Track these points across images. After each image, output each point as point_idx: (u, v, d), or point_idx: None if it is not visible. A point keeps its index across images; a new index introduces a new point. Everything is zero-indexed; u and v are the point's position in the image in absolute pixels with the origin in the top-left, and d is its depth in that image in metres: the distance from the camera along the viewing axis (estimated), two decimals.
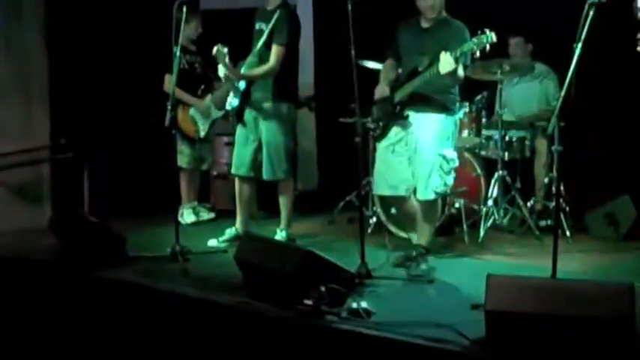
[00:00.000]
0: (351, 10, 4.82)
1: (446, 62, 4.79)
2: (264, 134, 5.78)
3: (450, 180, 5.22)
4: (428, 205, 5.20)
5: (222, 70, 5.74)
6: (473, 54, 4.89)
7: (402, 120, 5.16)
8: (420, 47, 5.11)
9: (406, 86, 5.13)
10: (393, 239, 5.83)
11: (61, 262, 5.43)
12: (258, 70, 5.71)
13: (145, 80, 6.91)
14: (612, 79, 6.54)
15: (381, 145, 5.31)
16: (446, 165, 5.16)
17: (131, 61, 7.33)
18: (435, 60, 4.90)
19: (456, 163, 5.28)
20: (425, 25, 5.18)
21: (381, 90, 5.30)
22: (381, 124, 5.32)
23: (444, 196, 5.52)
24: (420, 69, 5.04)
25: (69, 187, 6.94)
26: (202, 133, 6.91)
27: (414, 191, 5.26)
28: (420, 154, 5.12)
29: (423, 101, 5.12)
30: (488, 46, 4.74)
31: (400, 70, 5.29)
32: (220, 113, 6.93)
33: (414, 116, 5.14)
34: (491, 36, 4.70)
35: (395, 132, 5.21)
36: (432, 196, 5.14)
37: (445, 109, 5.17)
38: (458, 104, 5.38)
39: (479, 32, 4.76)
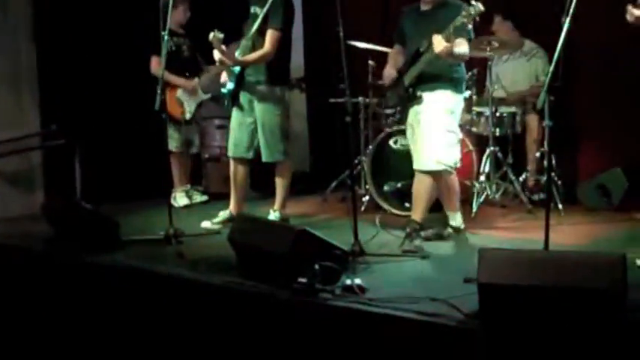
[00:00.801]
0: None
1: (438, 43, 4.90)
2: (260, 117, 5.78)
3: (457, 154, 5.24)
4: (428, 177, 5.18)
5: (217, 55, 5.72)
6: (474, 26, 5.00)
7: (416, 101, 5.23)
8: (420, 30, 5.17)
9: (412, 69, 5.22)
10: (386, 217, 5.85)
11: (55, 248, 5.42)
12: (252, 56, 5.69)
13: (134, 64, 6.88)
14: (602, 53, 6.55)
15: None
16: (452, 137, 5.19)
17: (119, 45, 7.28)
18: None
19: (460, 136, 5.35)
20: (424, 7, 5.26)
21: (389, 74, 5.39)
22: (399, 108, 5.52)
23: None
24: (421, 50, 5.13)
25: (61, 173, 6.93)
26: (188, 115, 6.91)
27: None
28: (425, 128, 5.16)
29: (432, 80, 5.20)
30: (477, 17, 4.79)
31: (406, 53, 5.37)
32: (206, 96, 6.95)
33: (426, 95, 5.21)
34: (478, 5, 4.76)
35: (412, 113, 5.28)
36: (435, 167, 5.14)
37: (452, 86, 5.23)
38: (464, 83, 5.46)
39: (464, 6, 4.80)
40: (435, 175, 5.18)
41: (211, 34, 5.58)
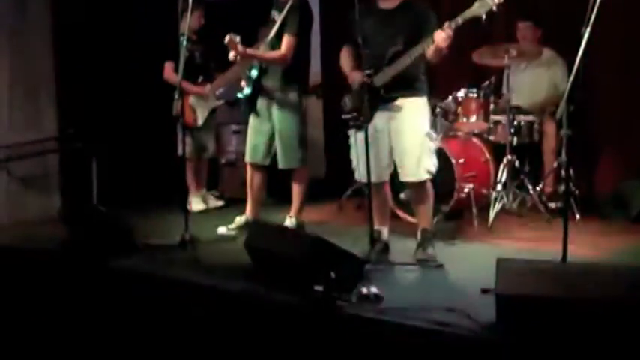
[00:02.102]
0: None
1: (441, 36, 4.68)
2: (277, 123, 5.78)
3: (435, 160, 5.15)
4: (421, 186, 5.11)
5: (232, 55, 5.68)
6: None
7: (390, 103, 5.01)
8: (389, 29, 4.97)
9: (389, 69, 4.95)
10: (401, 224, 5.84)
11: (71, 252, 5.43)
12: (268, 54, 5.69)
13: (150, 69, 6.91)
14: (622, 63, 6.52)
15: (364, 133, 4.87)
16: (432, 145, 5.12)
17: (136, 51, 7.34)
18: (414, 39, 4.84)
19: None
20: (385, 6, 5.07)
21: (357, 76, 5.08)
22: (355, 114, 5.10)
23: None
24: (399, 49, 4.92)
25: (78, 177, 6.95)
26: (200, 122, 6.92)
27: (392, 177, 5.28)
28: (408, 137, 5.02)
29: (407, 84, 5.01)
30: (494, 8, 4.63)
31: (367, 53, 4.87)
32: (219, 102, 6.95)
33: (403, 101, 5.04)
34: None
35: (382, 118, 5.03)
36: (425, 176, 5.08)
37: (425, 91, 5.13)
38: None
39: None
40: (423, 185, 5.11)
41: (227, 37, 5.57)
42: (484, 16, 4.66)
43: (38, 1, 6.91)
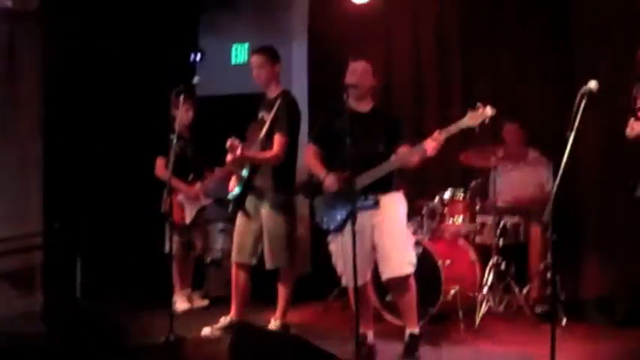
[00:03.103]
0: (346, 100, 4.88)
1: (432, 145, 4.84)
2: (266, 223, 5.79)
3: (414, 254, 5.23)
4: (405, 281, 5.11)
5: (230, 157, 5.73)
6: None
7: (373, 206, 5.07)
8: (366, 131, 5.04)
9: (370, 173, 5.02)
10: (388, 327, 5.79)
11: (52, 351, 5.33)
12: (262, 154, 5.74)
13: (139, 165, 6.94)
14: (606, 166, 6.61)
15: (346, 235, 4.89)
16: (411, 239, 5.20)
17: (125, 146, 7.40)
18: (391, 143, 5.04)
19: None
20: (362, 109, 5.20)
21: (334, 179, 5.11)
22: (340, 215, 5.15)
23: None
24: (379, 152, 5.04)
25: (62, 273, 6.89)
26: (188, 220, 6.91)
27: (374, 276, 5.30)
28: (390, 232, 5.09)
29: (386, 183, 5.11)
30: (487, 121, 4.79)
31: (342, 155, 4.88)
32: (208, 201, 6.96)
33: (381, 198, 5.11)
34: (487, 110, 4.78)
35: (364, 219, 5.01)
36: (409, 269, 5.09)
37: (400, 188, 5.23)
38: None
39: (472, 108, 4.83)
40: (408, 279, 5.10)
41: (229, 141, 5.62)
42: (477, 129, 4.81)
43: (28, 96, 6.96)
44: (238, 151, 5.60)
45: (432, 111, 7.53)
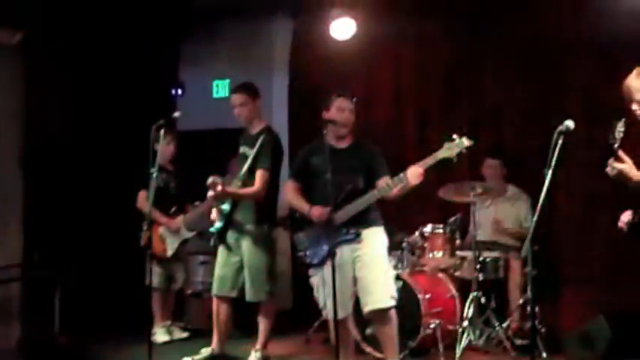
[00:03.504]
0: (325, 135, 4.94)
1: (414, 175, 4.85)
2: (247, 256, 5.80)
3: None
4: (387, 313, 5.12)
5: (211, 194, 5.74)
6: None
7: (355, 240, 5.10)
8: (344, 167, 5.04)
9: (350, 207, 5.05)
10: None
11: None
12: (244, 191, 5.76)
13: (120, 198, 6.94)
14: (586, 202, 6.68)
15: (328, 269, 4.86)
16: (392, 272, 5.25)
17: (106, 179, 7.40)
18: (370, 177, 5.10)
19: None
20: (339, 145, 5.24)
21: (322, 212, 5.07)
22: (323, 249, 5.14)
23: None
24: (358, 187, 5.08)
25: (40, 304, 6.83)
26: (170, 252, 6.90)
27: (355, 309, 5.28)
28: (372, 265, 5.10)
29: (367, 217, 5.15)
30: (464, 150, 4.84)
31: (321, 190, 5.02)
32: (190, 234, 6.95)
33: (362, 232, 5.13)
34: (462, 141, 4.83)
35: (345, 252, 5.08)
36: (391, 302, 5.10)
37: (380, 220, 5.26)
38: None
39: (448, 139, 4.87)
40: (389, 312, 5.12)
41: (210, 178, 5.64)
42: (455, 159, 4.83)
43: (8, 130, 6.95)
44: (219, 188, 5.63)
45: (412, 145, 7.60)
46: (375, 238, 5.18)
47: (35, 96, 7.04)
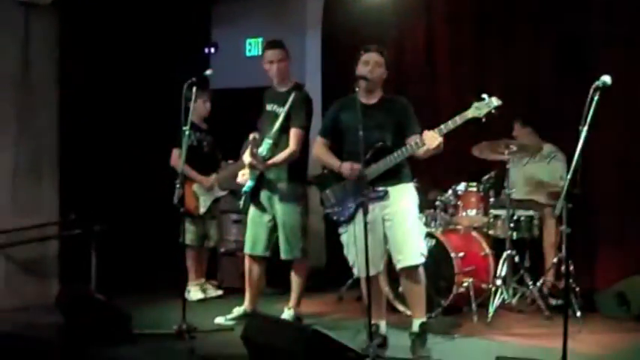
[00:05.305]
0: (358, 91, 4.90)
1: (432, 139, 4.76)
2: (280, 214, 5.80)
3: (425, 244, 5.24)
4: (416, 270, 5.10)
5: (247, 158, 5.75)
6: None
7: (383, 197, 5.06)
8: (373, 123, 4.98)
9: (380, 164, 5.00)
10: (401, 318, 5.80)
11: (66, 339, 5.38)
12: (281, 156, 5.71)
13: (154, 156, 6.98)
14: (621, 160, 6.59)
15: (357, 226, 4.93)
16: (423, 228, 5.20)
17: (140, 138, 7.44)
18: (399, 133, 5.02)
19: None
20: (369, 101, 5.15)
21: (352, 168, 5.03)
22: (350, 206, 5.15)
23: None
24: (386, 143, 5.01)
25: (76, 263, 6.92)
26: (202, 210, 6.93)
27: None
28: (402, 223, 5.06)
29: (395, 174, 5.09)
30: (494, 111, 4.76)
31: (352, 145, 5.02)
32: (223, 193, 6.97)
33: (392, 189, 5.10)
34: (492, 101, 4.74)
35: (376, 209, 5.03)
36: (421, 259, 5.08)
37: (409, 177, 5.21)
38: None
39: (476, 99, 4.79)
40: (418, 269, 5.10)
41: (251, 136, 5.63)
42: (484, 119, 4.75)
43: (45, 87, 6.97)
44: (261, 166, 5.66)
45: (445, 99, 7.51)
46: (405, 195, 5.13)
47: (68, 55, 7.06)
